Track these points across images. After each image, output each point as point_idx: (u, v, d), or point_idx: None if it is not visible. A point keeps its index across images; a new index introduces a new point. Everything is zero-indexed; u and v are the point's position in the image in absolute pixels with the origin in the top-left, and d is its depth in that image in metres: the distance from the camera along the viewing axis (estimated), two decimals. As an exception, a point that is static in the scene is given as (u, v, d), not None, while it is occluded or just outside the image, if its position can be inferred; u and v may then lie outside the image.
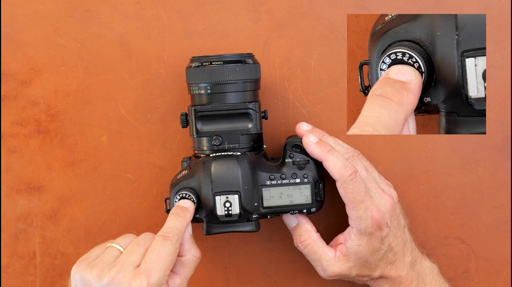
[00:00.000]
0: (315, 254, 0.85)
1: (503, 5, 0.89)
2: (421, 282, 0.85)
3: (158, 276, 0.73)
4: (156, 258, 0.74)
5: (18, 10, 0.90)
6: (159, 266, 0.73)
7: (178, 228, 0.77)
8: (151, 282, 0.72)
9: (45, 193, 0.92)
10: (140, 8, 0.90)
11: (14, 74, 0.91)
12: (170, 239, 0.75)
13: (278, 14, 0.90)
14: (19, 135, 0.91)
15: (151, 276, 0.73)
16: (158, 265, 0.73)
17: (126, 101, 0.91)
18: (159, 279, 0.73)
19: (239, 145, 0.83)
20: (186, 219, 0.79)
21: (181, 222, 0.78)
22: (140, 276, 0.72)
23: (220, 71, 0.81)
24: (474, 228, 0.92)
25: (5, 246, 0.92)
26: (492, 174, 0.91)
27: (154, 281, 0.73)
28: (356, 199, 0.81)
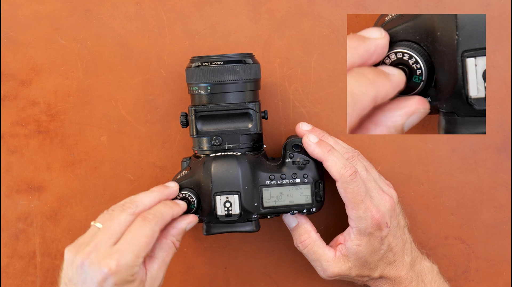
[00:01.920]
0: (315, 254, 0.85)
1: (503, 5, 0.89)
2: (421, 282, 0.85)
3: (130, 257, 0.73)
4: (132, 239, 0.74)
5: (18, 10, 0.90)
6: (133, 247, 0.73)
7: (161, 212, 0.77)
8: (121, 263, 0.72)
9: (45, 193, 0.92)
10: (140, 8, 0.90)
11: (14, 74, 0.91)
12: (149, 221, 0.75)
13: (278, 14, 0.90)
14: (19, 135, 0.91)
15: (123, 256, 0.72)
16: (131, 246, 0.73)
17: (126, 101, 0.91)
18: (131, 260, 0.73)
19: (239, 145, 0.83)
20: (173, 209, 0.78)
21: (166, 208, 0.78)
22: (112, 256, 0.72)
23: (220, 71, 0.81)
24: (474, 228, 0.92)
25: (5, 246, 0.92)
26: (492, 174, 0.91)
27: (125, 261, 0.72)
28: (356, 199, 0.81)
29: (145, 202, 0.78)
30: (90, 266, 0.72)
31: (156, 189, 0.80)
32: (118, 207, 0.77)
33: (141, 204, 0.77)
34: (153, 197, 0.78)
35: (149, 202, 0.78)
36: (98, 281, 0.72)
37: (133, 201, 0.77)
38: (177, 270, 0.93)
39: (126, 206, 0.76)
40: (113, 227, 0.74)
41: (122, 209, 0.76)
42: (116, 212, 0.76)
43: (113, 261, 0.72)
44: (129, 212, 0.76)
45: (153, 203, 0.78)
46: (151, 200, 0.78)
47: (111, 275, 0.72)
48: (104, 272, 0.72)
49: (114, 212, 0.76)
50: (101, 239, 0.74)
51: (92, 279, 0.72)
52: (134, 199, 0.78)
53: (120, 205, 0.77)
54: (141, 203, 0.77)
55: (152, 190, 0.79)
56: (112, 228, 0.74)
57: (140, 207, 0.77)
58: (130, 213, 0.76)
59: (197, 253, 0.93)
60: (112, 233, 0.74)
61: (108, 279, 0.72)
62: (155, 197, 0.79)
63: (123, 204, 0.77)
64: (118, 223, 0.75)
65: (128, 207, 0.76)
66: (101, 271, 0.72)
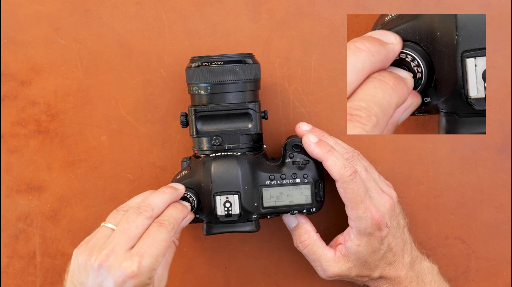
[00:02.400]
0: (315, 255, 0.85)
1: (503, 5, 0.89)
2: (421, 282, 0.85)
3: (150, 260, 0.73)
4: (151, 242, 0.74)
5: (18, 10, 0.90)
6: (153, 250, 0.73)
7: (175, 217, 0.77)
8: (143, 265, 0.72)
9: (45, 193, 0.92)
10: (140, 8, 0.90)
11: (14, 74, 0.91)
12: (166, 227, 0.75)
13: (278, 14, 0.90)
14: (19, 135, 0.91)
15: (143, 259, 0.72)
16: (151, 249, 0.73)
17: (126, 101, 0.91)
18: (151, 263, 0.73)
19: (239, 145, 0.83)
20: (183, 212, 0.79)
21: (178, 213, 0.78)
22: (132, 258, 0.72)
23: (220, 71, 0.81)
24: (474, 228, 0.92)
25: (5, 246, 0.92)
26: (492, 174, 0.91)
27: (146, 264, 0.72)
28: (355, 199, 0.81)
29: (160, 206, 0.78)
30: (110, 269, 0.72)
31: (168, 191, 0.80)
32: (133, 210, 0.76)
33: (156, 208, 0.77)
34: (165, 200, 0.79)
35: (162, 205, 0.78)
36: (118, 283, 0.72)
37: (148, 204, 0.77)
38: (177, 270, 0.93)
39: (142, 209, 0.76)
40: (132, 230, 0.74)
41: (138, 212, 0.76)
42: (132, 215, 0.76)
43: (135, 263, 0.72)
44: (146, 216, 0.76)
45: (165, 206, 0.79)
46: (164, 203, 0.78)
47: (132, 277, 0.72)
48: (125, 274, 0.72)
49: (130, 214, 0.76)
50: (118, 241, 0.73)
51: (110, 282, 0.72)
52: (148, 202, 0.77)
53: (136, 208, 0.76)
54: (156, 207, 0.77)
55: (163, 191, 0.79)
56: (130, 231, 0.74)
57: (156, 211, 0.77)
58: (147, 217, 0.76)
59: (197, 253, 0.93)
60: (130, 236, 0.74)
61: (128, 282, 0.72)
62: (167, 199, 0.79)
63: (138, 206, 0.76)
64: (136, 226, 0.75)
65: (145, 211, 0.76)
66: (122, 273, 0.72)
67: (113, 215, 0.77)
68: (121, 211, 0.77)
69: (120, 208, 0.78)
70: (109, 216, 0.77)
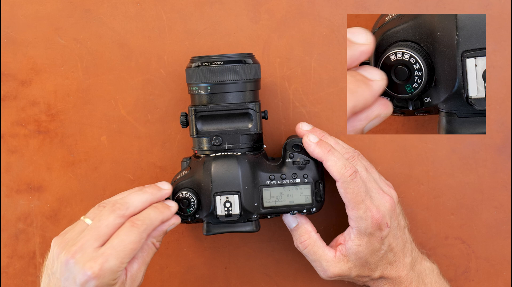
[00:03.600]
0: (315, 255, 0.85)
1: (503, 5, 0.89)
2: (421, 282, 0.85)
3: (114, 263, 0.73)
4: (118, 244, 0.73)
5: (18, 10, 0.90)
6: (118, 253, 0.73)
7: (151, 218, 0.77)
8: (105, 267, 0.72)
9: (45, 193, 0.92)
10: (140, 8, 0.90)
11: (14, 74, 0.91)
12: (138, 227, 0.75)
13: (278, 14, 0.90)
14: (19, 135, 0.91)
15: (107, 261, 0.72)
16: (117, 251, 0.73)
17: (126, 101, 0.91)
18: (115, 266, 0.73)
19: (239, 145, 0.83)
20: (163, 214, 0.78)
21: (156, 213, 0.77)
22: (96, 259, 0.72)
23: (220, 71, 0.81)
24: (474, 228, 0.92)
25: (5, 246, 0.92)
26: (492, 174, 0.91)
27: (108, 266, 0.72)
28: (356, 199, 0.81)
29: (136, 205, 0.77)
30: (75, 266, 0.73)
31: (149, 191, 0.79)
32: (109, 207, 0.76)
33: (132, 207, 0.76)
34: (144, 199, 0.78)
35: (140, 205, 0.77)
36: (81, 282, 0.72)
37: (124, 202, 0.76)
38: (177, 270, 0.93)
39: (116, 207, 0.76)
40: (101, 228, 0.74)
41: (112, 209, 0.75)
42: (105, 212, 0.75)
43: (97, 265, 0.72)
44: (118, 214, 0.75)
45: (144, 206, 0.78)
46: (142, 202, 0.78)
47: (94, 278, 0.72)
48: (87, 274, 0.72)
49: (103, 211, 0.76)
50: (88, 239, 0.74)
51: (74, 278, 0.73)
52: (125, 200, 0.77)
53: (111, 205, 0.76)
54: (132, 206, 0.76)
55: (144, 191, 0.79)
56: (100, 229, 0.74)
57: (131, 209, 0.76)
58: (120, 215, 0.75)
59: (197, 253, 0.93)
60: (99, 234, 0.74)
61: (90, 282, 0.72)
62: (146, 199, 0.78)
63: (114, 203, 0.76)
64: (107, 225, 0.74)
65: (118, 209, 0.76)
66: (85, 273, 0.72)
67: (93, 210, 0.77)
68: (101, 207, 0.77)
69: (102, 203, 0.77)
70: (91, 210, 0.77)
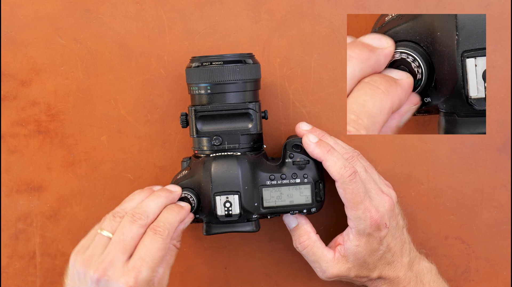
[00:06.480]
0: (314, 256, 0.85)
1: (503, 5, 0.89)
2: (419, 282, 0.85)
3: (147, 273, 0.73)
4: (146, 254, 0.74)
5: (18, 10, 0.90)
6: (148, 263, 0.73)
7: (171, 222, 0.77)
8: (139, 280, 0.73)
9: (45, 193, 0.92)
10: (140, 8, 0.90)
11: (14, 74, 0.91)
12: (161, 234, 0.75)
13: (278, 14, 0.90)
14: (19, 135, 0.91)
15: (140, 273, 0.73)
16: (147, 261, 0.73)
17: (126, 101, 0.91)
18: (148, 276, 0.73)
19: (239, 145, 0.83)
20: (179, 214, 0.79)
21: (174, 216, 0.78)
22: (129, 273, 0.72)
23: (220, 71, 0.81)
24: (474, 228, 0.92)
25: (5, 246, 0.92)
26: (492, 174, 0.91)
27: (143, 278, 0.73)
28: (355, 200, 0.81)
29: (154, 211, 0.77)
30: (108, 283, 0.72)
31: (163, 194, 0.79)
32: (128, 217, 0.76)
33: (151, 214, 0.77)
34: (160, 204, 0.78)
35: (157, 211, 0.78)
36: None
37: (143, 211, 0.77)
38: (177, 270, 0.93)
39: (137, 217, 0.76)
40: (127, 241, 0.74)
41: (133, 220, 0.76)
42: (127, 224, 0.76)
43: (132, 279, 0.72)
44: (141, 224, 0.76)
45: (160, 211, 0.78)
46: (158, 207, 0.78)
47: None
48: None
49: (124, 223, 0.76)
50: (115, 254, 0.74)
51: None
52: (144, 208, 0.77)
53: (130, 215, 0.76)
54: (151, 213, 0.77)
55: (158, 195, 0.79)
56: (126, 242, 0.74)
57: (151, 217, 0.77)
58: (142, 225, 0.76)
59: (197, 253, 0.93)
60: (126, 247, 0.74)
61: None
62: (162, 204, 0.79)
63: (133, 214, 0.76)
64: (132, 237, 0.75)
65: (139, 219, 0.76)
66: None
67: (109, 222, 0.77)
68: (117, 217, 0.77)
69: (116, 213, 0.77)
70: (105, 222, 0.77)
